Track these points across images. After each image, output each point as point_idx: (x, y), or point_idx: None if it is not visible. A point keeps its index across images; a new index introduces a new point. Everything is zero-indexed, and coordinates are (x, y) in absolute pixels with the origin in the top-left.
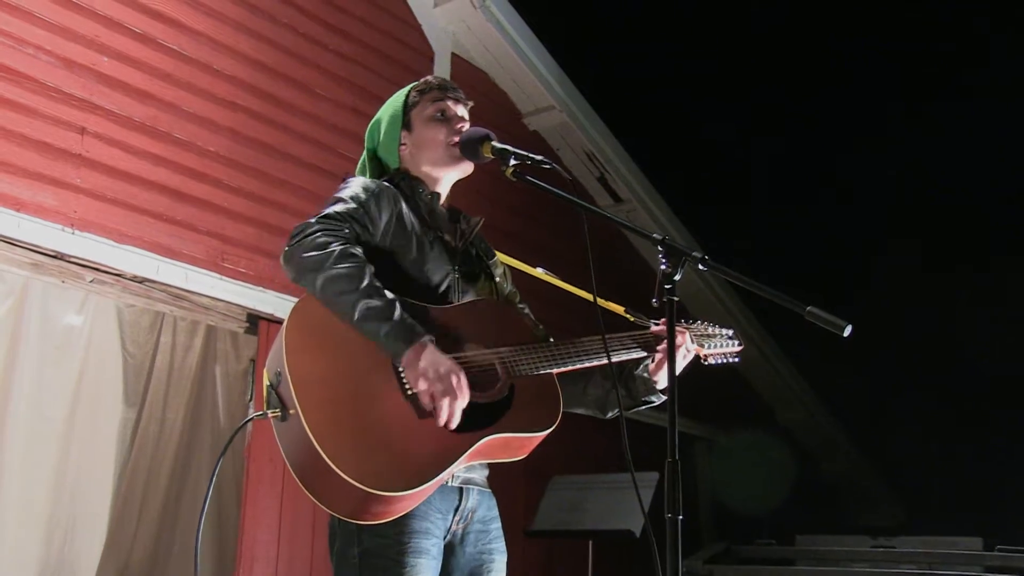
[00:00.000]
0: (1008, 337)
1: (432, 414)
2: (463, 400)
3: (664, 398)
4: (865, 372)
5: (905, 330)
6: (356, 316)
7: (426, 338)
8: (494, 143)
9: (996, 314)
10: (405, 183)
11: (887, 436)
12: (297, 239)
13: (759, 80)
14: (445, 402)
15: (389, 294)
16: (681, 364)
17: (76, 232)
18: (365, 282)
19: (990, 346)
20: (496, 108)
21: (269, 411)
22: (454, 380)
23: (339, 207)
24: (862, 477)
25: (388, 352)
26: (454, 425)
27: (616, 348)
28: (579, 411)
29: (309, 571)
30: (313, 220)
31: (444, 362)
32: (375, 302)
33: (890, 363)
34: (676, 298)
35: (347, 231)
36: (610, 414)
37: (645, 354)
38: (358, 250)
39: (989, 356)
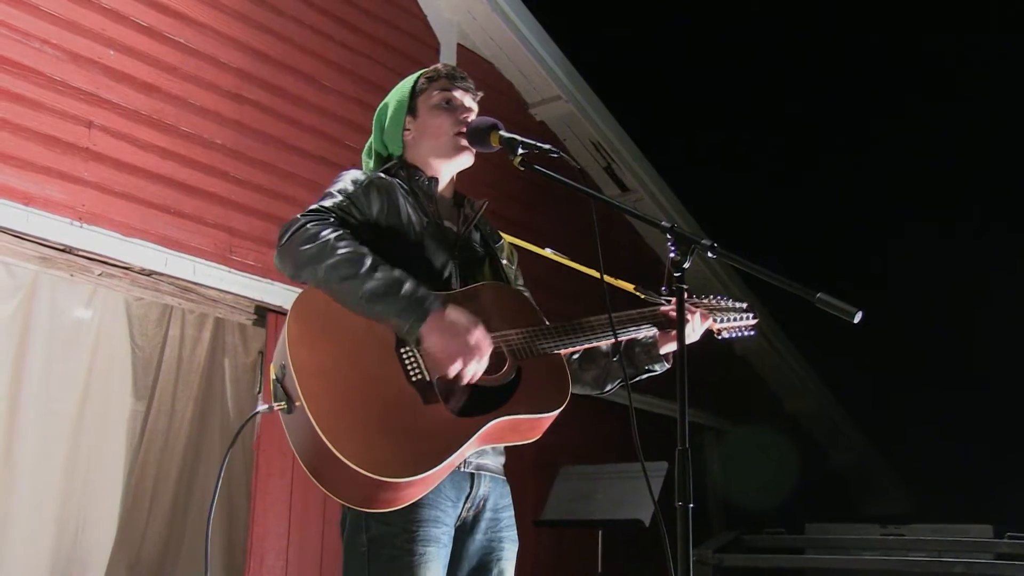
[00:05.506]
0: (1018, 321)
1: (440, 398)
2: (482, 360)
3: (667, 366)
4: (873, 360)
5: (913, 318)
6: (363, 299)
7: (437, 306)
8: (502, 132)
9: (1007, 298)
10: (403, 172)
11: (896, 424)
12: (288, 236)
13: (767, 70)
14: (458, 364)
15: (394, 270)
16: (692, 339)
17: (84, 226)
18: (367, 263)
19: (999, 332)
20: (502, 99)
21: (275, 404)
22: (471, 339)
23: (326, 202)
24: (871, 465)
25: (403, 332)
26: (469, 380)
27: (625, 326)
28: (576, 390)
29: (319, 563)
30: (299, 216)
31: (460, 326)
32: (380, 283)
33: (898, 351)
34: (685, 286)
35: (333, 220)
36: (609, 387)
37: (655, 330)
38: (351, 235)
39: (998, 342)
